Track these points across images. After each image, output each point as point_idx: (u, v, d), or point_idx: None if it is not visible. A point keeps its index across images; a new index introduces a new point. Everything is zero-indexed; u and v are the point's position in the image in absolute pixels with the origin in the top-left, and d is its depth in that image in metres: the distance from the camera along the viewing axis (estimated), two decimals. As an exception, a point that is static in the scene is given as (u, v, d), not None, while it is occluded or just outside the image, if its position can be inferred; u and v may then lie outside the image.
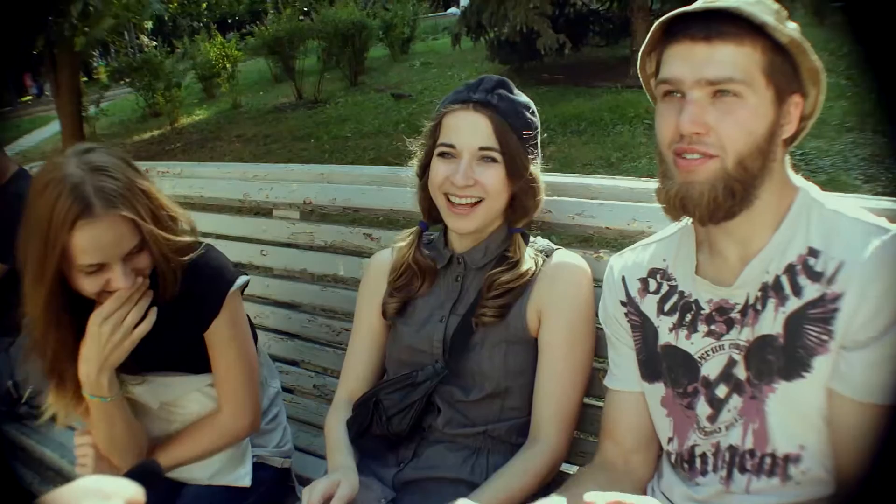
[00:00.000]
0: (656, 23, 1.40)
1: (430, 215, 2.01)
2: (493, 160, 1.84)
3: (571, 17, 15.04)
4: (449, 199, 1.86)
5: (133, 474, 1.09)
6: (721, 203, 1.35)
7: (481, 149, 1.83)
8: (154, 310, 1.84)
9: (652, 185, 1.96)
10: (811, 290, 1.35)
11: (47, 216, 1.67)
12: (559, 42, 12.40)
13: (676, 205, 1.39)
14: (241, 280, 2.03)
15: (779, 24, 1.34)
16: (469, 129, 1.84)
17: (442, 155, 1.87)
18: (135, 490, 0.96)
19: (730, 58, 1.32)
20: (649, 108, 1.52)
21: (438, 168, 1.87)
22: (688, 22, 1.35)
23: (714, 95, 1.33)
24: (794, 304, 1.37)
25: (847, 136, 7.42)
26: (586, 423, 1.95)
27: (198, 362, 2.02)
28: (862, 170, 6.61)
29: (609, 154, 8.40)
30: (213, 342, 2.00)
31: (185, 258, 1.89)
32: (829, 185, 1.54)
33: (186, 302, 1.92)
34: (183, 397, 2.06)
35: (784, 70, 1.35)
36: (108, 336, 1.79)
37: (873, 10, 1.15)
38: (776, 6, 1.37)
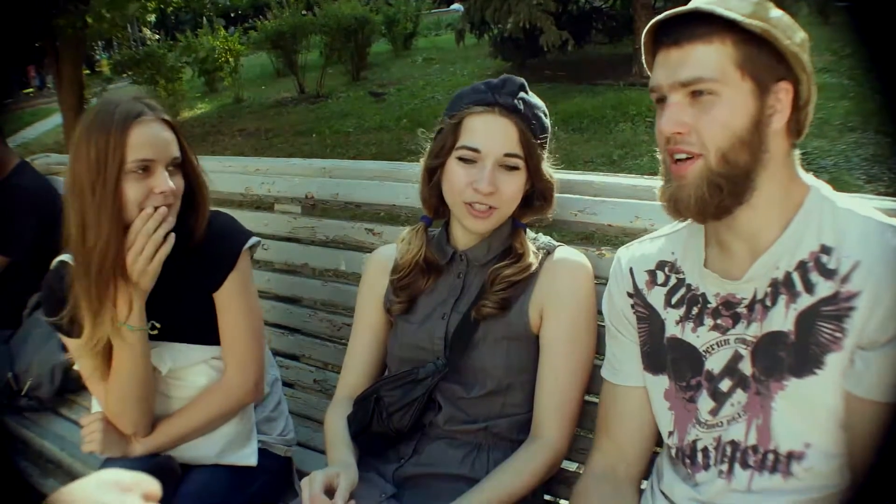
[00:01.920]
0: (643, 35, 1.46)
1: (437, 211, 2.00)
2: (515, 167, 1.83)
3: (575, 15, 15.04)
4: (468, 204, 1.84)
5: (149, 469, 1.10)
6: (708, 200, 1.38)
7: (506, 155, 1.81)
8: (173, 236, 1.89)
9: (655, 182, 1.96)
10: (824, 288, 1.35)
11: (105, 131, 1.82)
12: (562, 39, 12.40)
13: (671, 207, 1.44)
14: (254, 239, 2.09)
15: (753, 14, 1.35)
16: (495, 134, 1.81)
17: (462, 158, 1.83)
18: (152, 484, 0.97)
19: (699, 57, 1.36)
20: (651, 106, 1.54)
21: (459, 172, 1.83)
22: (665, 29, 1.40)
23: (692, 96, 1.37)
24: (806, 300, 1.37)
25: (849, 135, 7.43)
26: (587, 420, 1.94)
27: (206, 332, 2.04)
28: (864, 169, 6.62)
29: (611, 151, 8.41)
30: (223, 300, 2.03)
31: (208, 206, 2.02)
32: (832, 184, 1.55)
33: (202, 257, 1.98)
34: (189, 369, 2.07)
35: (762, 59, 1.35)
36: (138, 252, 1.84)
37: (876, 10, 1.15)
38: None
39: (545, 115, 1.89)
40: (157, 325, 1.95)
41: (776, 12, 1.38)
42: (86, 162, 1.81)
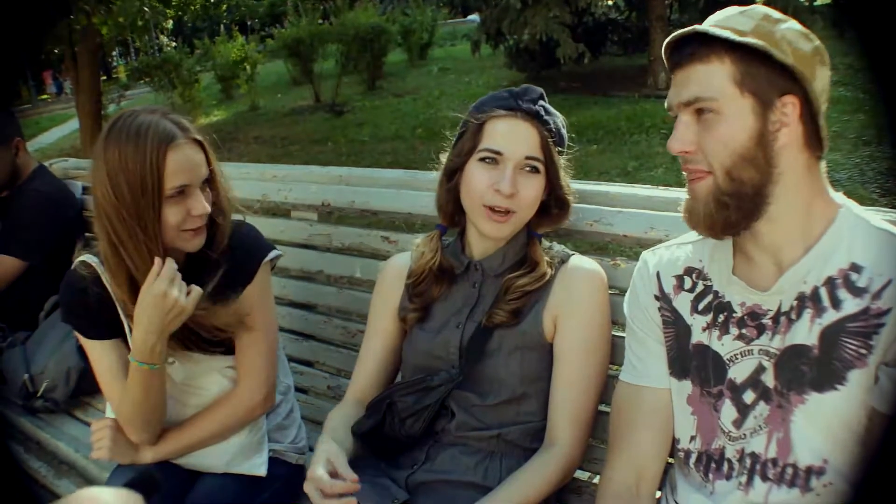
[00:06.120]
0: (664, 55, 1.49)
1: (452, 219, 2.01)
2: (536, 170, 1.84)
3: (590, 26, 15.04)
4: (488, 208, 1.85)
5: (132, 483, 1.09)
6: (716, 218, 1.41)
7: (527, 158, 1.83)
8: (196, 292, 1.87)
9: (670, 193, 1.97)
10: (851, 304, 1.35)
11: (140, 157, 1.78)
12: (578, 51, 12.41)
13: (687, 219, 1.47)
14: (275, 252, 2.09)
15: (756, 29, 1.36)
16: (517, 137, 1.83)
17: (484, 160, 1.85)
18: (133, 499, 0.97)
19: (699, 77, 1.39)
20: (666, 118, 1.56)
21: (480, 175, 1.84)
22: (674, 50, 1.44)
23: (697, 115, 1.40)
24: (831, 316, 1.37)
25: (864, 149, 7.40)
26: (600, 429, 1.94)
27: (221, 342, 2.03)
28: (879, 183, 6.59)
29: (626, 163, 8.41)
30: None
31: (230, 217, 2.01)
32: (847, 197, 1.57)
33: (224, 267, 1.97)
34: (203, 377, 2.08)
35: (763, 75, 1.36)
36: (173, 303, 1.81)
37: (883, 24, 1.15)
38: (763, 12, 1.40)
39: (564, 126, 1.91)
40: (172, 362, 1.98)
41: (784, 24, 1.38)
42: (119, 189, 1.78)
